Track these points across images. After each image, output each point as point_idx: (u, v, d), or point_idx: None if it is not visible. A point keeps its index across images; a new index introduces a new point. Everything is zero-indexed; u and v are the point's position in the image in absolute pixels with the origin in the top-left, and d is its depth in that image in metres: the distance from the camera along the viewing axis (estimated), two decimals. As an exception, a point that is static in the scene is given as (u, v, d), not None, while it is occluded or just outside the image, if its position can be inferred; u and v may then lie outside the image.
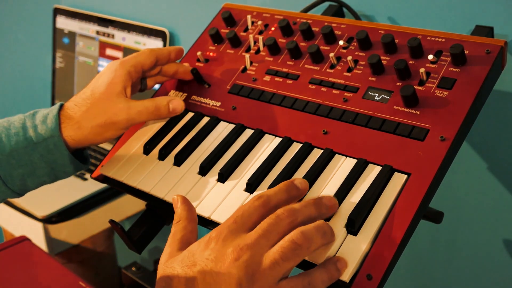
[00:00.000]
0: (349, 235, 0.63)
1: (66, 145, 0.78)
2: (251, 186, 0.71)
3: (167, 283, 0.57)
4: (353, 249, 0.61)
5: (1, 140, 0.77)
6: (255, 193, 0.70)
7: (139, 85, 0.87)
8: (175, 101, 0.81)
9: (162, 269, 0.59)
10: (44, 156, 0.78)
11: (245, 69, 0.87)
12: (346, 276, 0.59)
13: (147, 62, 0.82)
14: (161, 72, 0.87)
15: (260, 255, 0.56)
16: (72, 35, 1.65)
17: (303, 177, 0.69)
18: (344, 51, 0.82)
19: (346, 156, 0.71)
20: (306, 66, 0.83)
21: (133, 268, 1.41)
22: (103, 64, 1.57)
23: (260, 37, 0.88)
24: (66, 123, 0.78)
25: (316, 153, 0.73)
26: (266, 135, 0.78)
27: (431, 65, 0.75)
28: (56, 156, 0.78)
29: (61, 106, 0.80)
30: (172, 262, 0.59)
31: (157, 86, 0.87)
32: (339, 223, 0.64)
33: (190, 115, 0.85)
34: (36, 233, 1.35)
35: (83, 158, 0.83)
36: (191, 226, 0.63)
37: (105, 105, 0.78)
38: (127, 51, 1.50)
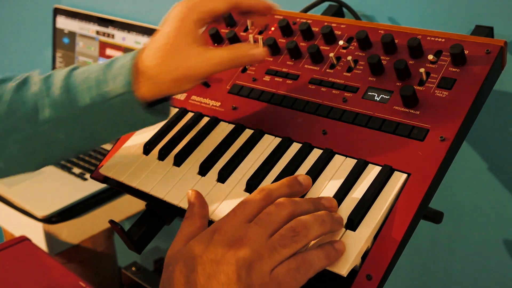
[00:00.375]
0: (347, 230, 0.63)
1: (143, 100, 0.71)
2: (251, 186, 0.71)
3: (168, 276, 0.58)
4: (351, 244, 0.61)
5: (78, 93, 0.71)
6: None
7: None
8: (257, 49, 0.73)
9: (166, 262, 0.60)
10: (118, 112, 0.71)
11: (245, 69, 0.87)
12: (344, 270, 0.59)
13: (221, 7, 0.73)
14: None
15: (259, 244, 0.57)
16: (72, 35, 1.65)
17: (303, 177, 0.69)
18: (344, 51, 0.82)
19: (346, 156, 0.71)
20: (306, 66, 0.83)
21: (133, 268, 1.41)
22: (103, 64, 1.57)
23: (260, 37, 0.88)
24: (140, 77, 0.70)
25: (316, 153, 0.73)
26: (266, 135, 0.78)
27: (431, 65, 0.75)
28: (132, 113, 0.72)
29: (135, 56, 0.72)
30: (175, 254, 0.60)
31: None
32: (339, 223, 0.64)
33: (190, 115, 0.85)
34: (36, 233, 1.35)
35: (162, 107, 0.77)
36: (200, 222, 0.64)
37: (179, 57, 0.70)
38: (127, 51, 1.50)
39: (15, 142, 0.73)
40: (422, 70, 0.73)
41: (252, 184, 0.71)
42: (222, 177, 0.74)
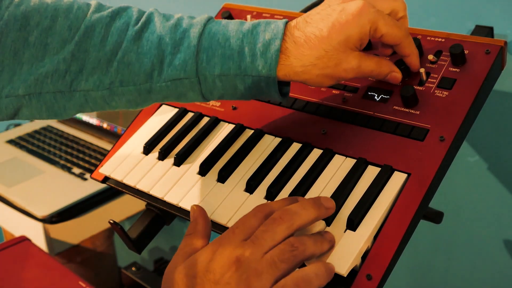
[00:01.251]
0: (348, 230, 0.63)
1: (278, 80, 0.67)
2: (251, 186, 0.71)
3: None
4: (351, 244, 0.61)
5: (214, 57, 0.66)
6: (256, 193, 0.70)
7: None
8: (399, 74, 0.72)
9: (165, 278, 0.59)
10: (252, 89, 0.67)
11: (245, 69, 0.87)
12: (344, 270, 0.59)
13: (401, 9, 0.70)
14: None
15: (257, 261, 0.56)
16: (72, 35, 1.65)
17: (303, 177, 0.69)
18: (344, 51, 0.82)
19: (346, 156, 0.71)
20: (306, 66, 0.83)
21: (133, 268, 1.41)
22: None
23: (260, 37, 0.88)
24: (289, 62, 0.65)
25: (316, 153, 0.73)
26: (266, 135, 0.78)
27: (431, 65, 0.75)
28: (264, 91, 0.68)
29: (285, 26, 0.66)
30: (174, 272, 0.59)
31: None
32: (339, 224, 0.64)
33: (190, 115, 0.85)
34: (36, 233, 1.35)
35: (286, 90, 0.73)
36: (202, 242, 0.62)
37: (339, 59, 0.66)
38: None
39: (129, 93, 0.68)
40: (422, 70, 0.73)
41: (252, 184, 0.71)
42: (222, 177, 0.74)
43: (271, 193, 0.69)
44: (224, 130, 0.81)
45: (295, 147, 0.74)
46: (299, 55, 0.65)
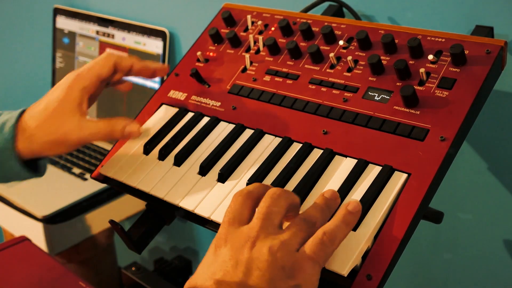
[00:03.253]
0: None
1: (20, 156, 0.79)
2: (251, 186, 0.71)
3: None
4: (351, 244, 0.61)
5: None
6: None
7: (100, 90, 0.83)
8: (133, 126, 0.79)
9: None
10: None
11: (245, 69, 0.87)
12: (344, 270, 0.59)
13: (103, 72, 0.80)
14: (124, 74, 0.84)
15: (274, 233, 0.57)
16: (72, 35, 1.65)
17: (303, 177, 0.69)
18: (344, 51, 0.82)
19: (346, 156, 0.71)
20: (306, 66, 0.83)
21: (133, 268, 1.41)
22: (103, 64, 1.57)
23: (260, 37, 0.88)
24: (20, 135, 0.78)
25: (316, 153, 0.73)
26: (266, 135, 0.78)
27: (431, 65, 0.75)
28: (8, 165, 0.79)
29: (21, 114, 0.79)
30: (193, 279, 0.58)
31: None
32: (339, 223, 0.64)
33: (190, 115, 0.85)
34: (36, 233, 1.35)
35: (38, 166, 0.84)
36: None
37: (57, 123, 0.77)
38: (127, 51, 1.50)
39: None
40: (422, 70, 0.73)
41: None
42: (222, 177, 0.74)
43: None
44: (224, 130, 0.81)
45: (295, 147, 0.74)
46: (29, 129, 0.77)
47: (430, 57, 0.74)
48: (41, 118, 0.77)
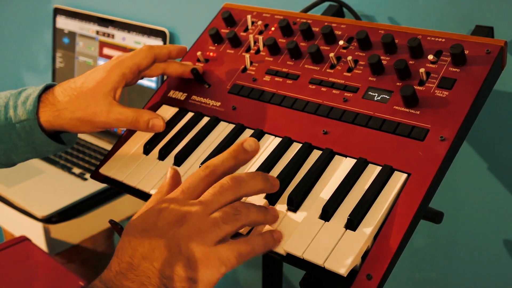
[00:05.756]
0: (347, 230, 0.63)
1: (43, 129, 0.79)
2: (251, 186, 0.71)
3: (121, 246, 0.61)
4: (351, 244, 0.61)
5: None
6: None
7: (136, 80, 0.86)
8: (157, 120, 0.81)
9: (124, 231, 0.62)
10: (23, 136, 0.79)
11: (245, 69, 0.87)
12: (344, 270, 0.59)
13: (144, 62, 0.82)
14: (161, 70, 0.87)
15: (201, 220, 0.59)
16: (72, 35, 1.65)
17: (303, 177, 0.69)
18: (344, 51, 0.82)
19: (346, 156, 0.71)
20: (306, 66, 0.83)
21: (133, 268, 1.41)
22: (103, 64, 1.57)
23: (260, 37, 0.88)
24: (47, 108, 0.79)
25: (316, 153, 0.73)
26: (266, 135, 0.78)
27: (431, 65, 0.75)
28: (34, 137, 0.79)
29: (47, 88, 0.80)
30: (129, 224, 0.62)
31: (152, 85, 0.87)
32: (339, 223, 0.64)
33: (190, 115, 0.85)
34: (36, 233, 1.35)
35: (65, 138, 0.84)
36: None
37: (88, 102, 0.78)
38: (127, 51, 1.50)
39: None
40: (422, 70, 0.73)
41: (252, 184, 0.71)
42: (222, 177, 0.74)
43: (271, 193, 0.69)
44: (224, 130, 0.81)
45: (295, 147, 0.74)
46: (58, 103, 0.79)
47: (430, 57, 0.74)
48: (74, 94, 0.78)
